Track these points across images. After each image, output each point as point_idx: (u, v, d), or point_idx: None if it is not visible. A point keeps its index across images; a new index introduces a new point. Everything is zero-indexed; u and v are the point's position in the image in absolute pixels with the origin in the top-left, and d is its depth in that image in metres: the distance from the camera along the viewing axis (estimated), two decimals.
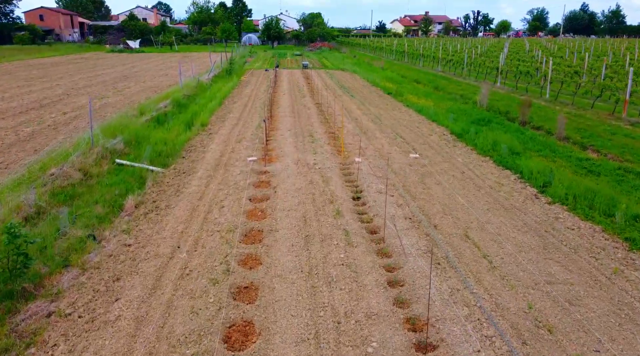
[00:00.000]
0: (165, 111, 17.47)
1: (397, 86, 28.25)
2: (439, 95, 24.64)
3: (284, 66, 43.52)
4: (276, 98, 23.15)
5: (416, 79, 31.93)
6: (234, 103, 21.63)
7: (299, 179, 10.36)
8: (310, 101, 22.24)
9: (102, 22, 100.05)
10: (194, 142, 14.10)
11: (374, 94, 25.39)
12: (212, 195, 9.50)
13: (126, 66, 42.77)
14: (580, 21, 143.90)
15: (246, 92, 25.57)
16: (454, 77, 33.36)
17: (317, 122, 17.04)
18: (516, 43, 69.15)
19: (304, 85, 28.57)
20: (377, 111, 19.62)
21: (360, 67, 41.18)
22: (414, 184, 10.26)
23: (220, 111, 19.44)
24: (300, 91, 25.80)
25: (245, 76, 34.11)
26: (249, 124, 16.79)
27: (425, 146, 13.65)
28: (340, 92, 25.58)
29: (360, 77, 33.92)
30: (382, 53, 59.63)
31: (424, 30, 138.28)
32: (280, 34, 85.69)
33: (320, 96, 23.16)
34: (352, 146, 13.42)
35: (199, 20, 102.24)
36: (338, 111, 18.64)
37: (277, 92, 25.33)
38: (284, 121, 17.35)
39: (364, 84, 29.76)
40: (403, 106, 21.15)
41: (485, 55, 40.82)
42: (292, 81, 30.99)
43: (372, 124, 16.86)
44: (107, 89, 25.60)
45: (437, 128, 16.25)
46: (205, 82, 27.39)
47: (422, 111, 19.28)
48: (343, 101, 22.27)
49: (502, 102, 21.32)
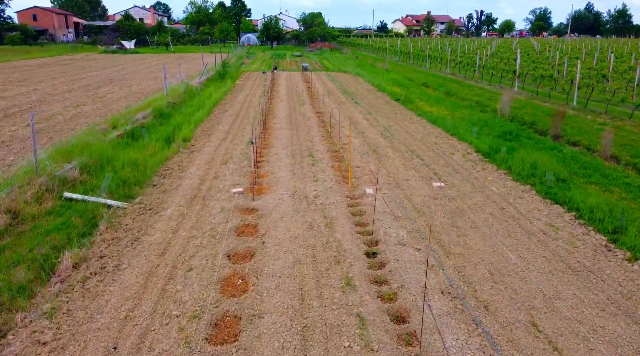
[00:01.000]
0: (143, 123, 15.14)
1: (405, 90, 25.91)
2: (453, 101, 22.31)
3: (282, 68, 41.20)
4: (272, 106, 20.81)
5: (425, 82, 29.59)
6: (225, 112, 19.28)
7: (295, 222, 8.02)
8: (310, 109, 19.90)
9: (96, 22, 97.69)
10: (172, 164, 11.76)
11: (381, 100, 23.05)
12: (179, 248, 7.17)
13: (116, 67, 40.45)
14: (584, 21, 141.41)
15: (240, 98, 23.23)
16: (465, 80, 31.01)
17: (318, 137, 14.70)
18: (523, 43, 66.75)
19: (303, 90, 26.24)
20: (386, 122, 17.27)
21: (364, 69, 38.86)
22: (445, 228, 7.92)
23: (207, 122, 17.10)
24: (299, 97, 23.46)
25: (241, 79, 31.78)
26: (238, 138, 14.45)
27: (448, 170, 11.30)
28: (343, 98, 23.24)
29: (364, 80, 31.58)
30: (386, 54, 57.30)
31: (426, 30, 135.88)
32: (280, 34, 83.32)
33: (322, 103, 20.83)
34: (361, 170, 11.07)
35: (196, 20, 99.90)
36: (342, 121, 16.31)
37: (274, 99, 22.99)
38: (280, 135, 15.02)
39: (369, 89, 27.42)
40: (414, 115, 18.81)
41: (496, 57, 38.46)
42: (291, 85, 28.66)
43: (382, 138, 14.52)
44: (87, 95, 23.27)
45: (459, 144, 13.90)
46: (196, 87, 25.07)
47: (438, 122, 16.94)
48: (347, 109, 19.94)
49: (525, 111, 18.99)
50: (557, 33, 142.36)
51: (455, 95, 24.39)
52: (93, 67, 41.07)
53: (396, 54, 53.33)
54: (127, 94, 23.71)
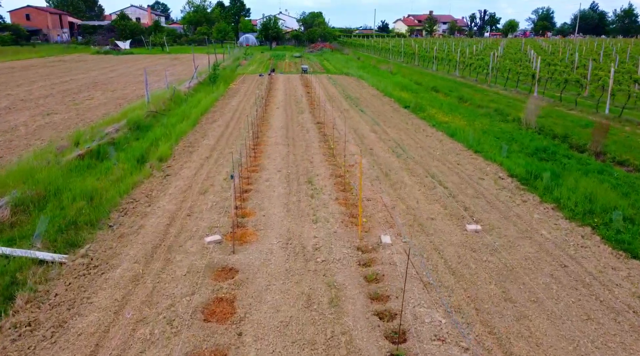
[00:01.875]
0: (114, 138, 12.92)
1: (414, 96, 23.70)
2: (468, 109, 20.09)
3: (281, 70, 38.98)
4: (267, 115, 18.59)
5: (434, 86, 27.38)
6: (213, 122, 17.06)
7: (287, 295, 5.80)
8: (309, 119, 17.68)
9: (91, 22, 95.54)
10: (139, 193, 9.55)
11: (388, 107, 20.82)
12: (117, 343, 4.95)
13: (105, 69, 38.25)
14: (589, 21, 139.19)
15: (232, 105, 21.01)
16: (477, 84, 28.79)
17: (318, 155, 12.48)
18: (532, 44, 64.49)
19: (302, 95, 24.02)
20: (397, 135, 15.06)
21: (367, 71, 36.66)
22: (495, 303, 5.69)
23: (191, 135, 14.88)
24: (297, 104, 21.23)
25: (236, 83, 29.56)
26: (225, 157, 12.24)
27: (481, 203, 9.08)
28: (346, 105, 21.02)
29: (368, 83, 29.36)
30: (389, 55, 55.09)
31: (429, 30, 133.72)
32: (279, 34, 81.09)
33: (323, 111, 18.62)
34: (373, 205, 8.84)
35: (194, 20, 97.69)
36: (346, 134, 14.10)
37: (270, 106, 20.77)
38: (274, 152, 12.79)
39: (374, 94, 25.20)
40: (428, 126, 16.58)
41: (506, 58, 36.20)
42: (289, 90, 26.44)
43: (395, 157, 12.29)
44: (63, 101, 21.06)
45: (486, 165, 11.68)
46: (184, 92, 22.87)
47: (457, 135, 14.72)
48: (351, 119, 17.72)
49: (552, 121, 16.78)
50: (561, 33, 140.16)
51: (470, 101, 22.18)
52: (81, 69, 38.86)
53: (400, 55, 51.11)
54: (108, 100, 21.50)
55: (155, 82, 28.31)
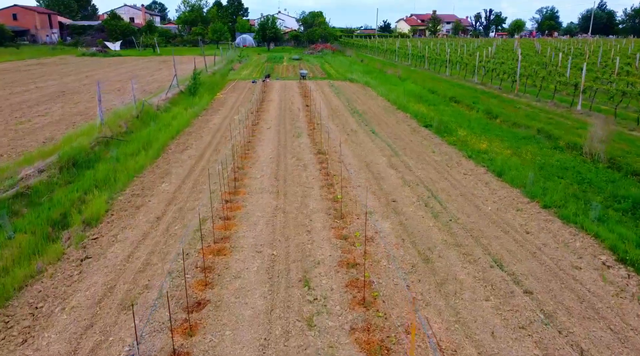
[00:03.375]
0: (28, 186, 9.08)
1: (433, 110, 19.89)
2: (503, 129, 16.25)
3: (277, 75, 35.11)
4: (255, 139, 14.74)
5: (452, 96, 23.54)
6: (184, 151, 13.21)
7: None
8: (308, 146, 13.82)
9: (80, 22, 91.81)
10: (23, 305, 5.72)
11: (405, 126, 16.98)
12: None
13: (82, 74, 34.43)
14: (598, 20, 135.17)
15: (213, 123, 17.17)
16: (502, 93, 24.93)
17: (320, 217, 8.62)
18: (545, 44, 60.56)
19: (300, 109, 20.15)
20: (425, 172, 11.21)
21: (372, 76, 32.80)
22: None
23: (147, 175, 11.03)
24: (293, 123, 17.37)
25: (224, 91, 25.72)
26: (182, 219, 8.39)
27: (593, 327, 5.23)
28: (353, 124, 17.17)
29: (376, 93, 25.51)
30: (394, 57, 51.19)
31: (432, 30, 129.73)
32: (277, 35, 77.15)
33: (325, 133, 14.80)
34: (416, 341, 5.00)
35: (190, 19, 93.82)
36: (358, 173, 10.25)
37: (260, 124, 16.94)
38: (256, 210, 8.94)
39: (385, 106, 21.35)
40: (463, 157, 12.73)
41: (530, 62, 32.30)
42: (285, 101, 22.59)
43: (431, 218, 8.44)
44: (9, 118, 17.23)
45: (571, 236, 7.79)
46: (158, 106, 19.05)
47: (506, 174, 10.86)
48: (361, 145, 13.87)
49: (619, 148, 12.95)
50: (568, 33, 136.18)
51: (502, 117, 18.34)
52: (56, 73, 35.04)
53: (407, 57, 47.21)
54: (64, 117, 17.68)
55: (129, 92, 24.48)
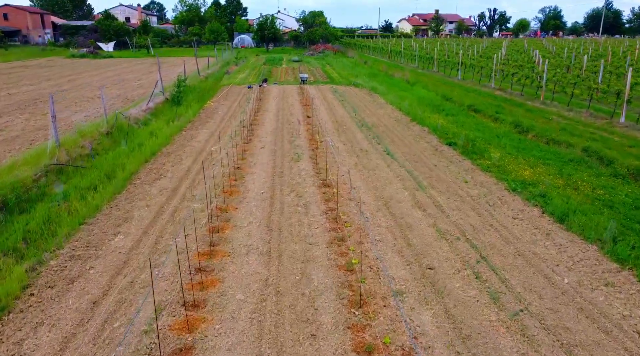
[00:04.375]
0: None
1: (451, 120, 17.36)
2: (542, 147, 13.69)
3: (275, 79, 32.52)
4: (245, 164, 12.14)
5: (471, 104, 20.98)
6: (153, 183, 10.61)
7: None
8: (310, 175, 11.23)
9: (73, 21, 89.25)
10: None
11: (424, 144, 14.41)
12: None
13: (64, 78, 31.87)
14: (604, 19, 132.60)
15: (197, 141, 14.59)
16: (526, 101, 22.35)
17: (330, 296, 6.04)
18: (559, 45, 57.92)
19: (300, 121, 17.55)
20: (462, 215, 8.63)
21: (379, 80, 30.22)
22: None
23: (96, 225, 8.43)
24: (292, 140, 14.76)
25: (216, 99, 23.15)
26: (130, 305, 5.82)
27: None
28: (363, 141, 14.58)
29: (385, 100, 22.93)
30: (400, 58, 48.58)
31: (435, 30, 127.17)
32: (277, 35, 74.49)
33: (331, 154, 12.23)
34: None
35: (187, 19, 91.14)
36: (374, 215, 7.68)
37: (253, 142, 14.37)
38: (238, 285, 6.34)
39: (397, 117, 18.76)
40: (505, 190, 10.14)
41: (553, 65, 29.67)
42: (283, 112, 20.02)
43: (492, 307, 5.87)
44: None
45: None
46: (136, 118, 16.48)
47: (572, 220, 8.28)
48: (375, 171, 11.29)
49: None
50: (574, 33, 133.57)
51: (533, 131, 15.79)
52: (37, 77, 32.48)
53: (414, 59, 44.62)
54: (24, 133, 15.11)
55: (110, 99, 21.96)
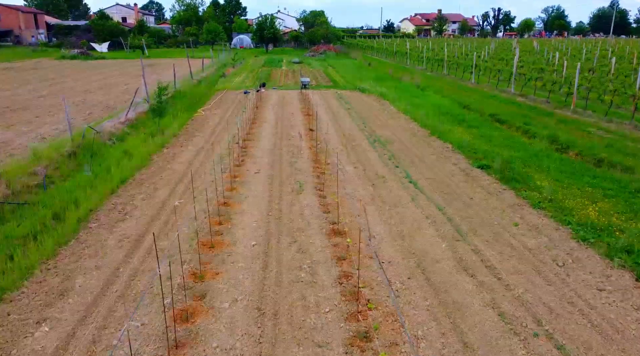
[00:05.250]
0: None
1: (475, 134, 15.02)
2: (594, 172, 11.30)
3: (274, 83, 30.11)
4: (235, 198, 9.69)
5: (494, 114, 18.62)
6: (114, 228, 8.18)
7: None
8: (316, 216, 8.79)
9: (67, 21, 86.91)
10: None
11: (449, 165, 12.00)
12: None
13: (45, 82, 29.46)
14: (610, 19, 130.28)
15: (178, 164, 12.15)
16: (555, 109, 19.95)
17: None
18: (575, 46, 55.51)
19: (302, 136, 15.12)
20: (530, 290, 6.22)
21: (386, 84, 27.83)
22: None
23: (15, 306, 6.05)
24: (293, 163, 12.32)
25: (208, 106, 20.76)
26: None
27: None
28: (379, 164, 12.16)
29: (397, 108, 20.54)
30: (406, 59, 46.14)
31: (438, 30, 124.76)
32: (276, 35, 72.02)
33: (341, 183, 9.83)
34: None
35: (184, 19, 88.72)
36: (407, 285, 5.30)
37: (245, 165, 11.95)
38: None
39: (413, 129, 16.37)
40: (574, 242, 7.73)
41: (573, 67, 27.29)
42: (283, 123, 17.62)
43: None
44: None
45: None
46: (111, 132, 14.10)
47: None
48: (399, 209, 8.87)
49: None
50: (579, 32, 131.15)
51: (574, 148, 13.45)
52: (17, 80, 30.10)
53: (421, 61, 42.20)
54: None
55: (91, 107, 19.66)
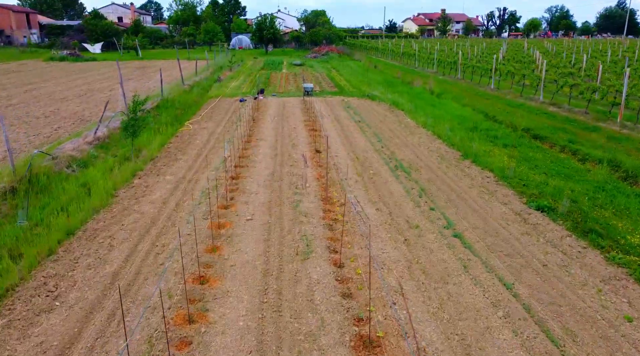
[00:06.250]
0: None
1: (515, 154, 12.30)
2: None
3: (274, 89, 27.39)
4: (218, 264, 6.91)
5: (528, 128, 15.94)
6: (32, 327, 5.48)
7: None
8: (332, 304, 6.01)
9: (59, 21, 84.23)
10: None
11: (497, 205, 9.28)
12: None
13: (22, 88, 26.75)
14: (617, 19, 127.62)
15: (148, 203, 9.41)
16: (598, 122, 17.25)
17: None
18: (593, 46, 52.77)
19: (308, 160, 12.37)
20: None
21: (397, 90, 25.14)
22: None
23: None
24: (296, 205, 9.56)
25: (197, 118, 18.06)
26: None
27: None
28: (407, 205, 9.44)
29: (415, 120, 17.82)
30: (414, 61, 43.40)
31: (442, 30, 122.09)
32: (276, 36, 69.25)
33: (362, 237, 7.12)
34: None
35: (182, 19, 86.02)
36: None
37: (236, 206, 9.21)
38: None
39: (440, 151, 13.64)
40: None
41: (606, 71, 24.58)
42: (283, 142, 14.89)
43: None
44: None
45: None
46: (72, 156, 11.39)
47: None
48: (448, 282, 6.17)
49: None
50: (586, 33, 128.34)
51: None
52: None
53: (430, 63, 39.47)
54: None
55: (56, 121, 16.99)
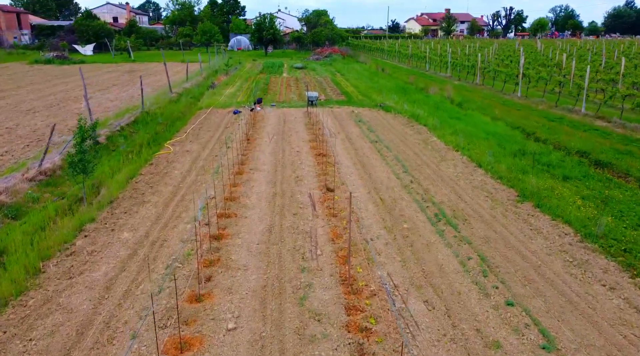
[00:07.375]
0: None
1: (588, 196, 9.29)
2: None
3: (273, 97, 24.35)
4: None
5: (582, 151, 12.97)
6: None
7: None
8: None
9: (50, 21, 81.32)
10: None
11: (607, 294, 6.25)
12: None
13: None
14: (626, 19, 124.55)
15: (87, 287, 6.31)
16: None
17: None
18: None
19: (316, 203, 9.35)
20: None
21: (412, 98, 22.13)
22: None
23: None
24: (306, 295, 6.43)
25: (180, 138, 15.05)
26: None
27: None
28: (471, 301, 6.35)
29: (443, 141, 14.79)
30: (423, 64, 40.38)
31: (446, 30, 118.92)
32: (276, 36, 66.19)
33: None
34: None
35: (178, 19, 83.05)
36: None
37: (212, 298, 6.13)
38: None
39: (486, 187, 10.60)
40: None
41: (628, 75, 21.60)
42: (284, 174, 11.84)
43: None
44: None
45: None
46: (1, 201, 8.38)
47: None
48: None
49: None
50: (593, 33, 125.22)
51: None
52: None
53: (444, 66, 36.45)
54: None
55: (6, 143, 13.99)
